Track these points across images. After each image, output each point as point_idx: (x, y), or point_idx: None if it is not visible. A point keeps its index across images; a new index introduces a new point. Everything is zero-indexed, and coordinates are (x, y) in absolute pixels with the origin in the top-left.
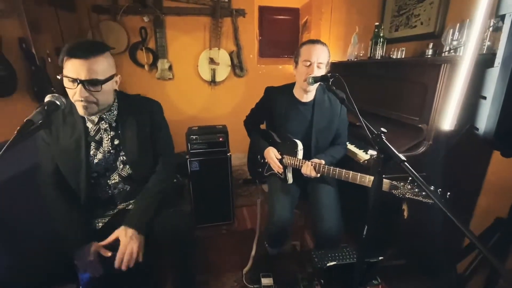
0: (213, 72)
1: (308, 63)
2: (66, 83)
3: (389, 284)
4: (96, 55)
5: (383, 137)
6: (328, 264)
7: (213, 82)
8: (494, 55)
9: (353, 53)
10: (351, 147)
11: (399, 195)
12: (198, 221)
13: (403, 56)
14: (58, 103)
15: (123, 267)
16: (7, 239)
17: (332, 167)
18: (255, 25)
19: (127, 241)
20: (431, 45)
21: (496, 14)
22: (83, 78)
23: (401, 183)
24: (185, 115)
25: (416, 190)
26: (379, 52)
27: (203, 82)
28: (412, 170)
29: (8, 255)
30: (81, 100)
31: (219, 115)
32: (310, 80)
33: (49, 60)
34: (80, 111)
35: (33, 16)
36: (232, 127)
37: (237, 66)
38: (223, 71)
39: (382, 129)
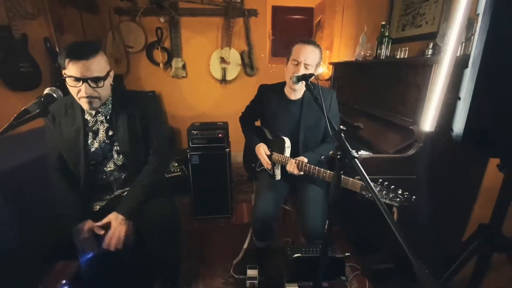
0: (224, 71)
1: (296, 63)
2: (70, 82)
3: (376, 287)
4: (94, 55)
5: (342, 134)
6: (294, 256)
7: (223, 80)
8: None
9: (361, 53)
10: None
11: (369, 197)
12: (197, 213)
13: (406, 56)
14: (55, 95)
15: (111, 248)
16: (18, 216)
17: (312, 166)
18: (267, 25)
19: (116, 225)
20: (431, 45)
21: (476, 13)
22: (87, 76)
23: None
24: (197, 112)
25: (383, 192)
26: (384, 52)
27: (215, 80)
28: (361, 168)
29: (18, 231)
30: (86, 97)
31: (229, 113)
32: (294, 79)
33: None
34: (86, 106)
35: (58, 18)
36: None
37: (248, 65)
38: (233, 70)
39: (342, 127)
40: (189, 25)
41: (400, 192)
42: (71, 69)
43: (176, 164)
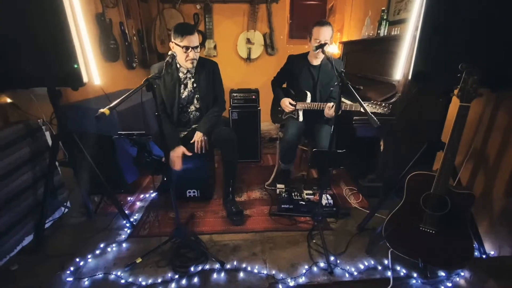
0: (249, 51)
1: (318, 41)
2: (183, 50)
3: (368, 200)
4: (195, 32)
5: (343, 74)
6: (313, 150)
7: (248, 59)
8: None
9: (365, 34)
10: (347, 101)
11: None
12: None
13: (398, 34)
14: (175, 55)
15: (199, 151)
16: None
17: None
18: (286, 11)
19: (198, 138)
20: None
21: None
22: (194, 45)
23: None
24: (226, 87)
25: (371, 106)
26: (382, 32)
27: (240, 59)
28: (353, 90)
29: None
30: (192, 59)
31: (253, 87)
32: (314, 48)
33: (134, 39)
34: (189, 65)
35: (126, 6)
36: (263, 97)
37: (269, 46)
38: (257, 50)
39: (342, 69)
40: (220, 11)
41: (382, 104)
42: (185, 41)
43: None
